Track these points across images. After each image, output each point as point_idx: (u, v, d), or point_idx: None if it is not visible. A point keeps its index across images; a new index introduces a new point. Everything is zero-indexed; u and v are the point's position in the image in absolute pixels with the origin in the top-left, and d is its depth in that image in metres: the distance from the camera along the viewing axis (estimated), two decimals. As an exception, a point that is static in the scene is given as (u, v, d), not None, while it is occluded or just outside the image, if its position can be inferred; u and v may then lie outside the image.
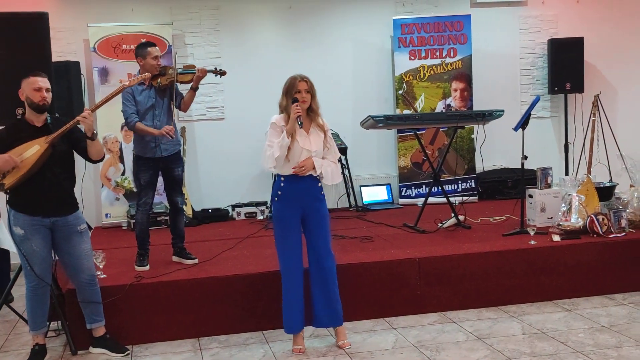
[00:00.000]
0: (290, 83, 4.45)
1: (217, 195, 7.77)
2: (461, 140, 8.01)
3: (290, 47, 7.95)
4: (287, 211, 4.48)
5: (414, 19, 7.99)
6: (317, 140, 4.47)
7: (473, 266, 5.31)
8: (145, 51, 5.27)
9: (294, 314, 4.53)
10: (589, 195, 5.97)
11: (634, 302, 5.31)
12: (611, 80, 8.49)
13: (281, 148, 4.32)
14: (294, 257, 4.50)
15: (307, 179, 4.46)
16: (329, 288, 4.56)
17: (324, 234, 4.55)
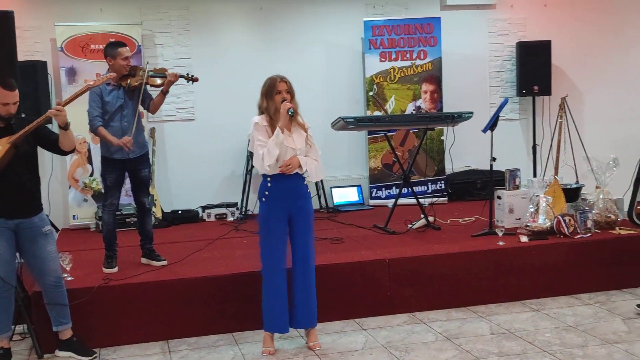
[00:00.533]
0: (270, 84, 4.47)
1: (187, 197, 7.72)
2: (431, 141, 8.06)
3: (260, 48, 7.94)
4: (274, 211, 4.48)
5: (384, 21, 8.03)
6: (299, 138, 4.49)
7: (442, 267, 5.35)
8: (115, 51, 5.21)
9: (281, 314, 4.52)
10: (556, 196, 6.04)
11: (599, 301, 5.39)
12: (578, 83, 8.61)
13: (277, 145, 4.33)
14: (279, 256, 4.50)
15: (293, 178, 4.47)
16: (310, 288, 4.58)
17: (308, 233, 4.58)
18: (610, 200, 6.09)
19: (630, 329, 4.75)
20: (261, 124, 4.43)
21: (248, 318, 4.92)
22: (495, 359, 4.29)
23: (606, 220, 6.00)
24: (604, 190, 6.09)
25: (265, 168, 4.38)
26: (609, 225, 5.99)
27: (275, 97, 4.41)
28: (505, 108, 8.22)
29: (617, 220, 6.04)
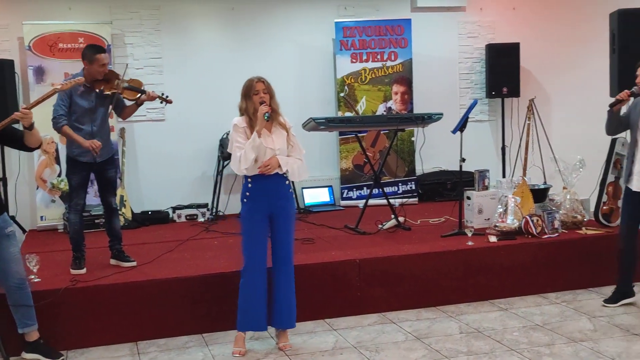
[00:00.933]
0: (247, 85, 4.49)
1: (158, 197, 7.67)
2: (402, 142, 8.10)
3: (232, 48, 7.92)
4: (256, 211, 4.47)
5: (355, 22, 8.05)
6: (280, 139, 4.49)
7: (412, 267, 5.38)
8: (93, 57, 5.13)
9: (260, 313, 4.51)
10: (524, 197, 6.11)
11: (566, 300, 5.46)
12: (545, 85, 8.72)
13: (253, 149, 4.34)
14: (260, 256, 4.49)
15: (274, 178, 4.46)
16: (291, 288, 4.59)
17: (289, 233, 4.59)
18: (577, 201, 6.18)
19: (595, 327, 4.83)
20: (240, 125, 4.44)
21: (218, 319, 4.91)
22: (464, 358, 4.33)
23: (573, 221, 6.08)
24: (571, 190, 6.18)
25: (242, 170, 4.38)
26: (575, 226, 6.08)
27: (253, 98, 4.42)
28: (475, 109, 8.31)
29: (584, 221, 6.13)
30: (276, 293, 4.57)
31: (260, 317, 4.53)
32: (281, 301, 4.57)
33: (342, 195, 8.13)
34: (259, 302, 4.50)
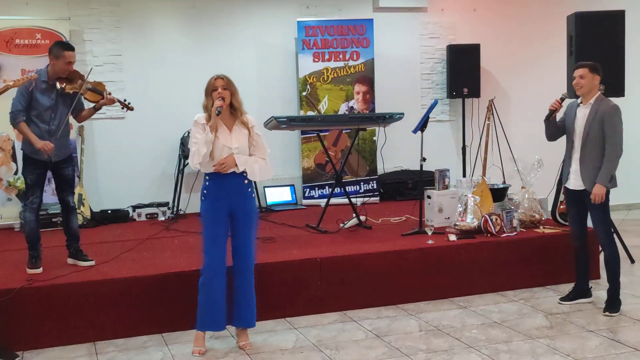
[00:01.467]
0: (208, 83, 4.47)
1: (117, 196, 7.58)
2: (363, 142, 8.14)
3: (193, 46, 7.87)
4: (214, 209, 4.45)
5: (317, 21, 8.06)
6: (240, 137, 4.46)
7: (373, 266, 5.41)
8: (60, 53, 5.08)
9: (218, 312, 4.48)
10: (483, 196, 6.19)
11: (523, 298, 5.54)
12: (505, 86, 8.84)
13: (206, 143, 4.31)
14: (220, 255, 4.46)
15: (232, 176, 4.43)
16: (250, 287, 4.57)
17: (250, 232, 4.55)
18: (535, 200, 6.27)
19: (552, 324, 4.90)
20: (199, 121, 4.41)
21: (178, 318, 4.87)
22: (423, 356, 4.36)
23: (531, 220, 6.17)
24: (529, 190, 6.27)
25: (195, 165, 4.36)
26: (533, 224, 6.17)
27: (212, 95, 4.40)
28: (436, 109, 8.40)
29: (542, 220, 6.23)
30: (236, 292, 4.55)
31: (219, 316, 4.50)
32: (241, 300, 4.55)
33: (304, 194, 8.13)
34: (218, 302, 4.48)
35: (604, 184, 4.95)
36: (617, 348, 4.40)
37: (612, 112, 4.98)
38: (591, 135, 5.00)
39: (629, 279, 5.96)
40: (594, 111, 5.01)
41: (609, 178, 4.95)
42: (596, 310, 5.15)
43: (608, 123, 4.95)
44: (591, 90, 5.07)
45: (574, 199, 5.23)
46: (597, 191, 4.95)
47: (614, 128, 4.96)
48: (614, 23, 6.35)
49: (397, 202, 8.00)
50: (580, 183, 5.09)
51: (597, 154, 5.00)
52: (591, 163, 5.01)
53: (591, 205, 5.04)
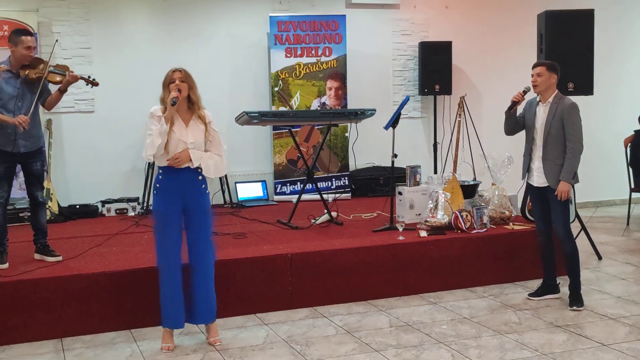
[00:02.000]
0: (166, 75, 4.41)
1: (86, 191, 7.48)
2: (335, 138, 8.14)
3: (164, 39, 7.79)
4: (166, 204, 4.39)
5: (290, 16, 8.04)
6: (196, 132, 4.40)
7: (344, 261, 5.41)
8: (18, 39, 5.03)
9: (176, 309, 4.44)
10: (454, 192, 6.22)
11: (493, 294, 5.58)
12: (476, 83, 8.90)
13: (160, 135, 4.25)
14: (173, 251, 4.41)
15: (185, 172, 4.38)
16: (207, 284, 4.52)
17: (204, 228, 4.50)
18: (505, 197, 6.32)
19: (520, 320, 4.95)
20: (155, 113, 4.35)
21: (147, 314, 4.83)
22: (393, 351, 4.38)
23: (501, 216, 6.22)
24: (499, 187, 6.31)
25: (148, 157, 4.30)
26: (503, 221, 6.21)
27: (169, 87, 4.35)
28: (408, 106, 8.43)
29: (511, 216, 6.28)
30: (195, 289, 4.50)
31: (176, 314, 4.46)
32: (198, 297, 4.49)
33: (275, 190, 8.11)
34: (175, 299, 4.43)
35: (568, 181, 5.06)
36: (584, 343, 4.46)
37: (571, 110, 5.08)
38: (552, 134, 5.10)
39: (596, 275, 6.04)
40: (553, 110, 5.12)
41: (572, 174, 5.07)
42: (564, 306, 5.21)
43: (568, 121, 5.06)
44: (548, 89, 5.17)
45: (537, 195, 5.33)
46: (562, 188, 5.05)
47: (573, 125, 5.07)
48: (584, 22, 6.43)
49: (369, 199, 8.01)
50: (543, 180, 5.19)
51: (559, 152, 5.10)
52: (553, 160, 5.12)
53: (553, 201, 5.14)
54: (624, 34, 9.48)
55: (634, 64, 9.60)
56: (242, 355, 4.36)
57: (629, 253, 6.89)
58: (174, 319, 4.47)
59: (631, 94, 9.46)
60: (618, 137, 8.29)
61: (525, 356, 4.26)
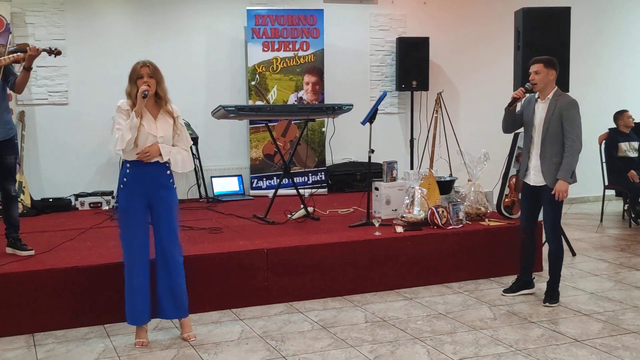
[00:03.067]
0: (132, 69, 4.35)
1: (59, 184, 7.39)
2: (312, 133, 8.11)
3: (140, 32, 7.70)
4: (132, 199, 4.33)
5: (267, 10, 7.99)
6: (164, 126, 4.36)
7: (320, 257, 5.39)
8: None
9: (139, 306, 4.40)
10: (430, 188, 6.23)
11: (468, 290, 5.60)
12: (453, 79, 8.93)
13: (131, 129, 4.20)
14: (139, 246, 4.36)
15: (154, 166, 4.33)
16: (174, 279, 4.47)
17: (171, 224, 4.45)
18: (481, 193, 6.34)
19: (495, 315, 4.97)
20: (123, 107, 4.30)
21: (120, 309, 4.73)
22: (369, 347, 4.37)
23: (477, 212, 6.24)
24: (475, 183, 6.33)
25: (117, 152, 4.25)
26: (479, 217, 6.24)
27: (137, 82, 4.29)
28: (385, 102, 8.43)
29: (487, 212, 6.30)
30: (160, 284, 4.46)
31: (140, 310, 4.41)
32: (167, 292, 4.45)
33: (251, 185, 8.07)
34: (140, 295, 4.38)
35: (566, 180, 4.97)
36: (558, 339, 4.49)
37: (570, 107, 5.01)
38: (550, 131, 5.02)
39: (570, 271, 6.09)
40: (552, 107, 5.03)
41: (570, 173, 4.98)
42: (538, 302, 5.24)
43: (567, 118, 4.98)
44: (547, 86, 5.09)
45: (530, 193, 5.25)
46: (560, 187, 4.97)
47: (572, 123, 4.99)
48: (560, 19, 6.47)
49: (345, 194, 8.00)
50: (540, 179, 5.10)
51: (557, 150, 5.02)
52: (551, 159, 5.03)
53: (547, 200, 5.08)
54: (599, 31, 9.57)
55: (609, 61, 9.70)
56: (217, 350, 4.33)
57: (603, 250, 6.96)
58: (139, 315, 4.42)
59: (606, 91, 9.55)
60: (592, 134, 8.37)
61: (499, 352, 4.28)
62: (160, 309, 4.50)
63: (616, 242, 7.30)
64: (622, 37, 9.76)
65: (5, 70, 5.03)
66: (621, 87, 9.72)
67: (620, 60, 9.76)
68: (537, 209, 5.30)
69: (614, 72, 9.71)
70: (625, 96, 9.55)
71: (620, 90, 9.66)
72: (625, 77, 9.78)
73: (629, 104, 8.92)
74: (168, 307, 4.49)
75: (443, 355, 4.22)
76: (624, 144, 8.20)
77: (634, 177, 7.88)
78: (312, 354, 4.27)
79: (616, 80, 9.72)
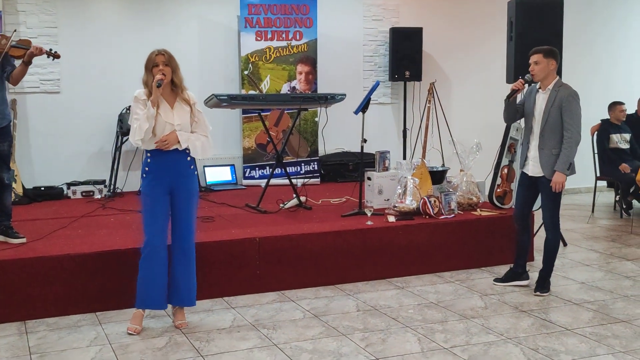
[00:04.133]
0: (148, 58, 4.37)
1: (51, 173, 7.36)
2: (305, 123, 8.11)
3: (133, 20, 7.66)
4: (154, 187, 4.37)
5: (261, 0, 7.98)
6: (181, 114, 4.38)
7: (312, 246, 5.40)
8: None
9: (158, 291, 4.41)
10: (422, 178, 6.24)
11: (460, 279, 5.63)
12: (446, 70, 8.93)
13: (148, 119, 4.23)
14: (161, 232, 4.39)
15: (174, 154, 4.36)
16: (190, 267, 4.51)
17: (190, 211, 4.49)
18: (473, 183, 6.35)
19: (486, 304, 5.00)
20: (140, 97, 4.33)
21: (112, 297, 4.78)
22: (360, 335, 4.39)
23: (468, 202, 6.26)
24: (467, 173, 6.35)
25: (136, 142, 4.27)
26: (471, 207, 6.26)
27: (153, 71, 4.31)
28: (378, 92, 8.42)
29: (479, 202, 6.32)
30: (175, 271, 4.48)
31: (160, 294, 4.44)
32: (180, 279, 4.48)
33: (244, 175, 8.07)
34: (160, 280, 4.41)
35: (564, 171, 4.96)
36: (549, 328, 4.51)
37: (570, 98, 4.98)
38: (550, 122, 5.01)
39: (561, 261, 6.12)
40: (552, 97, 5.01)
41: (567, 165, 4.96)
42: (529, 291, 5.27)
43: (566, 109, 4.97)
44: (548, 76, 5.07)
45: (528, 183, 5.23)
46: (557, 179, 4.97)
47: (572, 115, 4.97)
48: (553, 10, 6.47)
49: (338, 184, 8.01)
50: (539, 170, 5.09)
51: (556, 141, 5.00)
52: (550, 150, 5.02)
53: (545, 191, 5.07)
54: (592, 22, 9.58)
55: (601, 52, 9.72)
56: (209, 338, 4.34)
57: (594, 240, 7.00)
58: (156, 300, 4.43)
59: (598, 82, 9.57)
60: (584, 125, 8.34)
61: (490, 340, 4.30)
62: (174, 296, 4.52)
63: (607, 233, 7.35)
64: (613, 28, 9.79)
65: (3, 59, 5.02)
66: (612, 77, 9.75)
67: (611, 51, 9.79)
68: (532, 199, 5.31)
69: (605, 63, 9.74)
70: (617, 86, 9.57)
71: (612, 81, 9.69)
72: (616, 67, 9.81)
73: (621, 94, 8.92)
74: (182, 294, 4.51)
75: (434, 344, 4.24)
76: (616, 135, 8.24)
77: (626, 169, 7.92)
78: (304, 342, 4.28)
79: (607, 71, 9.75)
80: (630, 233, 7.30)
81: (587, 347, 4.18)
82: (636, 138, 8.33)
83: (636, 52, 9.97)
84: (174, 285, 4.50)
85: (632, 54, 9.95)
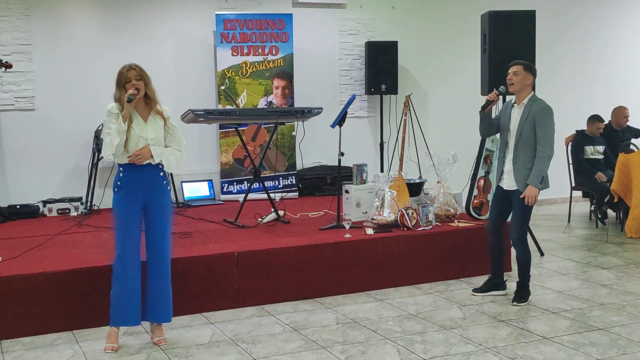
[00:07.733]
0: (119, 73, 4.35)
1: (26, 191, 7.31)
2: (282, 137, 8.12)
3: (108, 36, 7.65)
4: (127, 202, 4.33)
5: (236, 15, 7.99)
6: (155, 128, 4.36)
7: (291, 259, 5.39)
8: None
9: (131, 308, 4.36)
10: (400, 190, 6.27)
11: (438, 290, 5.64)
12: (422, 82, 9.00)
13: (119, 134, 4.20)
14: (133, 248, 4.35)
15: (147, 168, 4.34)
16: (164, 282, 4.47)
17: (164, 226, 4.46)
18: (450, 195, 6.39)
19: (465, 315, 5.01)
20: (113, 111, 4.30)
21: (89, 315, 4.73)
22: (340, 347, 4.38)
23: (446, 214, 6.29)
24: (444, 185, 6.38)
25: (108, 156, 4.25)
26: (448, 219, 6.29)
27: (126, 87, 4.30)
28: (354, 106, 8.47)
29: (456, 214, 6.35)
30: (150, 286, 4.45)
31: (133, 311, 4.39)
32: (155, 295, 4.45)
33: (222, 190, 8.05)
34: (132, 296, 4.37)
35: (536, 185, 5.00)
36: (527, 337, 4.54)
37: (543, 113, 5.03)
38: (523, 136, 5.05)
39: (538, 270, 6.16)
40: (527, 112, 5.06)
41: (540, 179, 5.00)
42: (507, 301, 5.29)
43: (540, 124, 5.01)
44: (523, 89, 5.13)
45: (502, 196, 5.28)
46: (530, 192, 5.01)
47: (545, 129, 5.02)
48: (526, 22, 6.55)
49: (316, 198, 8.02)
50: (513, 183, 5.13)
51: (529, 155, 5.05)
52: (523, 164, 5.06)
53: (517, 204, 5.11)
54: (564, 33, 9.72)
55: (574, 63, 9.85)
56: (188, 354, 4.31)
57: (570, 249, 7.06)
58: (130, 316, 4.38)
59: (571, 93, 9.70)
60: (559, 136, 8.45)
61: (469, 350, 4.31)
62: (149, 312, 4.47)
63: (583, 242, 7.41)
64: (587, 40, 9.94)
65: None
66: (586, 88, 9.88)
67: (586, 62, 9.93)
68: (506, 212, 5.34)
69: (579, 74, 9.87)
70: (592, 97, 9.70)
71: (586, 92, 9.82)
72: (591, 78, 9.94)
73: (595, 105, 9.03)
74: (157, 310, 4.47)
75: (414, 355, 4.24)
76: (589, 147, 8.33)
77: (602, 177, 8.00)
78: (283, 356, 4.26)
79: (581, 82, 9.88)
80: (606, 242, 7.37)
81: (565, 355, 4.21)
82: (611, 149, 8.42)
83: (611, 63, 10.11)
84: (149, 301, 4.46)
85: (607, 65, 10.09)
